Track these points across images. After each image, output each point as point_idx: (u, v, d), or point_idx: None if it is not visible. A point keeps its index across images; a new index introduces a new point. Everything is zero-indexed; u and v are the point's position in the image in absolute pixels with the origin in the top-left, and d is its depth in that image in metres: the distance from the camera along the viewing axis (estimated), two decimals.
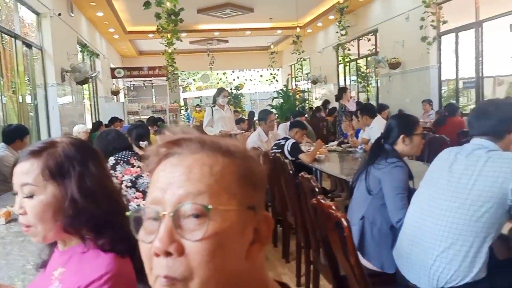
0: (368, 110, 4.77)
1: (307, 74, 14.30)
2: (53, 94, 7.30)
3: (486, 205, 1.56)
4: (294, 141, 4.23)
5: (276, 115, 7.10)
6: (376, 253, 2.11)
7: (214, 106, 6.04)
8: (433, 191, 1.73)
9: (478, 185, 1.59)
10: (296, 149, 4.16)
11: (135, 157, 2.81)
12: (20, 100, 6.59)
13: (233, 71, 18.38)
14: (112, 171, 2.70)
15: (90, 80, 8.63)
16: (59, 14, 7.66)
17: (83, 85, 9.05)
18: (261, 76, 16.88)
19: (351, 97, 7.77)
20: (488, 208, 1.56)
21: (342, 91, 7.28)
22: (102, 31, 11.84)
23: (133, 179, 2.69)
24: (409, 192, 2.04)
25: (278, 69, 16.62)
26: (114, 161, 2.75)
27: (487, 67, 7.80)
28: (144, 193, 2.69)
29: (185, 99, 22.13)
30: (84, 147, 1.08)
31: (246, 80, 18.06)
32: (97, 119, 10.39)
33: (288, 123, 5.63)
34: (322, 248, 2.11)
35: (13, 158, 4.00)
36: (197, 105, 15.38)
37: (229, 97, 11.95)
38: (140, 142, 3.85)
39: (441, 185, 1.70)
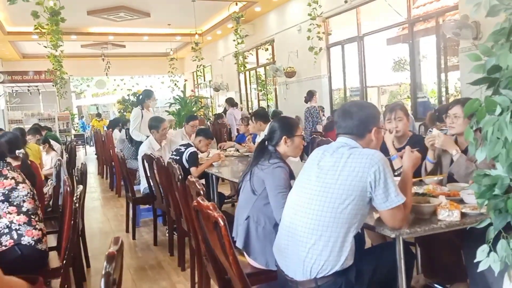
0: (261, 116, 4.89)
1: (209, 81, 14.34)
2: None
3: (349, 198, 1.68)
4: (193, 150, 4.14)
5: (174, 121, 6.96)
6: (261, 251, 2.14)
7: (142, 109, 5.61)
8: (304, 187, 1.81)
9: (341, 179, 1.70)
10: (192, 159, 4.07)
11: (8, 168, 2.51)
12: None
13: (132, 77, 17.66)
14: None
15: None
16: None
17: None
18: (162, 82, 16.47)
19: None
20: (351, 200, 1.68)
21: (311, 94, 7.56)
22: None
23: (6, 192, 2.39)
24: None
25: (180, 76, 16.39)
26: None
27: (371, 77, 8.60)
28: (18, 207, 2.41)
29: (79, 107, 20.68)
30: None
31: (146, 86, 17.47)
32: None
33: (183, 129, 5.53)
34: (207, 251, 2.08)
35: None
36: (98, 113, 14.46)
37: (126, 103, 11.49)
38: (17, 151, 3.46)
39: (310, 180, 1.79)
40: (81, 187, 2.33)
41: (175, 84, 12.41)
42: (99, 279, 3.54)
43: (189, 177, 2.43)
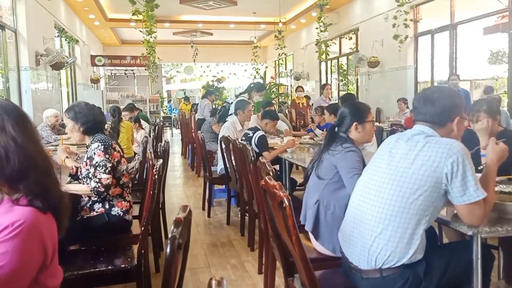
0: (333, 110, 4.82)
1: (290, 70, 14.36)
2: (27, 78, 7.16)
3: (421, 189, 1.60)
4: (262, 133, 4.22)
5: (253, 107, 7.11)
6: (329, 236, 2.14)
7: (249, 98, 5.59)
8: (374, 174, 1.77)
9: (414, 168, 1.63)
10: (262, 144, 4.12)
11: (114, 141, 2.75)
12: None
13: (217, 64, 18.31)
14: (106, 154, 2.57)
15: (66, 65, 8.48)
16: None
17: (60, 71, 8.91)
18: (245, 70, 16.85)
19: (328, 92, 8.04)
20: (423, 191, 1.60)
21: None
22: (83, 17, 11.65)
23: (115, 164, 2.61)
24: None
25: (262, 64, 16.63)
26: (104, 144, 2.61)
27: (463, 70, 7.97)
28: (117, 179, 2.60)
29: (168, 91, 21.96)
30: (5, 107, 1.09)
31: (230, 74, 18.02)
32: None
33: (259, 114, 5.63)
34: (272, 232, 2.14)
35: None
36: (185, 97, 15.27)
37: (211, 89, 11.96)
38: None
39: (381, 168, 1.74)
40: (160, 161, 2.50)
41: (257, 72, 12.61)
42: None
43: (260, 158, 2.50)
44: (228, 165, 4.36)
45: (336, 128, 2.38)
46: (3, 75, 6.88)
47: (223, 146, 4.40)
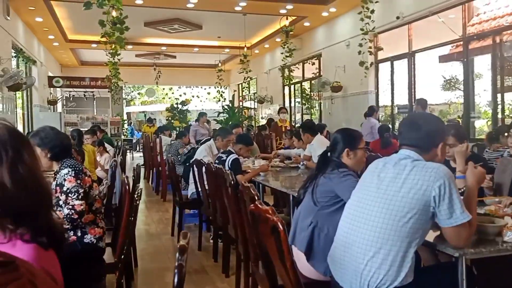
0: (309, 128, 4.90)
1: (254, 93, 14.53)
2: None
3: (411, 212, 1.64)
4: (235, 157, 4.20)
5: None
6: (322, 258, 2.12)
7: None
8: (363, 198, 1.80)
9: (403, 192, 1.67)
10: (236, 167, 4.10)
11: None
12: None
13: (179, 87, 18.22)
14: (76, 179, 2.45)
15: (24, 87, 8.13)
16: None
17: (16, 93, 8.52)
18: (208, 93, 16.86)
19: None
20: (413, 214, 1.64)
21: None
22: (41, 37, 11.29)
23: (87, 189, 2.49)
24: None
25: (226, 88, 16.73)
26: (74, 170, 2.48)
27: (420, 95, 8.39)
28: (90, 205, 2.49)
29: (128, 113, 21.52)
30: (18, 134, 1.03)
31: (193, 96, 17.96)
32: (30, 130, 9.78)
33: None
34: (260, 257, 2.10)
35: None
36: (149, 118, 15.03)
37: (174, 112, 11.86)
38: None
39: (370, 191, 1.77)
40: (140, 185, 2.42)
41: (221, 95, 12.67)
42: (146, 278, 3.64)
43: (242, 182, 2.47)
44: (200, 189, 4.28)
45: (329, 154, 2.39)
46: None
47: (196, 169, 4.34)
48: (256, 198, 2.17)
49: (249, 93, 13.47)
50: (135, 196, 2.18)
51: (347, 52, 9.14)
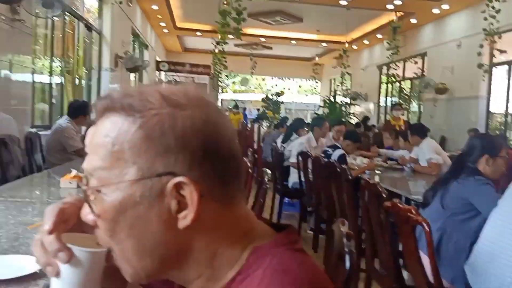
0: (419, 130, 4.73)
1: (347, 90, 14.27)
2: (106, 78, 7.57)
3: None
4: (342, 152, 4.20)
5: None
6: (449, 266, 2.08)
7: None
8: None
9: None
10: (342, 163, 4.10)
11: None
12: (76, 82, 6.86)
13: (272, 78, 18.50)
14: None
15: (140, 69, 8.89)
16: (120, 2, 7.95)
17: (131, 74, 9.34)
18: (300, 86, 16.91)
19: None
20: None
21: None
22: (154, 24, 12.19)
23: None
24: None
25: (317, 82, 16.63)
26: None
27: None
28: None
29: (221, 100, 22.40)
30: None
31: (284, 88, 18.15)
32: None
33: (329, 133, 5.61)
34: (384, 255, 2.12)
35: (74, 131, 4.20)
36: (235, 105, 15.43)
37: (268, 102, 11.97)
38: None
39: None
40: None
41: (315, 88, 12.63)
42: None
43: (366, 178, 2.49)
44: (304, 180, 4.37)
45: (464, 158, 2.31)
46: (87, 74, 7.30)
47: (301, 160, 4.43)
48: (384, 196, 2.19)
49: (342, 88, 13.22)
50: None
51: (458, 52, 8.57)
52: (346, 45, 10.48)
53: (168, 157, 0.52)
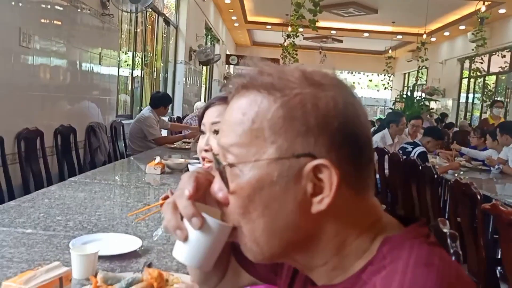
0: (510, 129, 4.34)
1: (422, 85, 13.53)
2: (181, 70, 7.86)
3: None
4: (422, 149, 3.98)
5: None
6: None
7: None
8: None
9: None
10: (422, 161, 3.89)
11: None
12: (154, 74, 7.19)
13: (341, 72, 18.07)
14: None
15: (212, 62, 9.11)
16: None
17: (203, 67, 9.61)
18: (370, 80, 16.34)
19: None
20: None
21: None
22: (225, 18, 12.42)
23: None
24: None
25: (390, 76, 15.96)
26: None
27: None
28: None
29: None
30: None
31: (353, 82, 17.65)
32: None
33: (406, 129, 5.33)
34: (475, 261, 1.97)
35: (155, 121, 4.41)
36: None
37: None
38: None
39: None
40: None
41: (388, 83, 12.12)
42: None
43: (457, 178, 2.33)
44: (379, 176, 4.21)
45: None
46: (163, 67, 7.63)
47: (376, 157, 4.27)
48: (479, 197, 2.03)
49: (417, 83, 12.55)
50: None
51: None
52: (424, 36, 9.89)
53: (308, 138, 0.51)
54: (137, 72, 6.37)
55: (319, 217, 0.52)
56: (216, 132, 1.12)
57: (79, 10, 3.90)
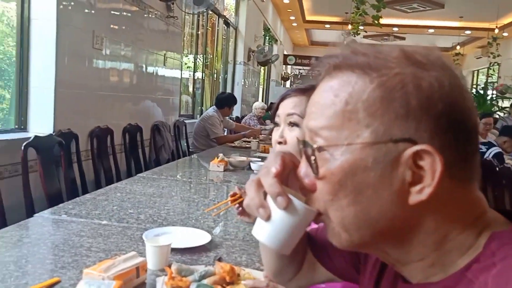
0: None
1: (493, 83, 12.62)
2: (240, 71, 7.95)
3: None
4: (498, 150, 3.70)
5: None
6: None
7: None
8: None
9: None
10: (500, 162, 3.61)
11: None
12: (214, 75, 7.33)
13: None
14: None
15: (270, 62, 9.14)
16: None
17: (261, 67, 9.67)
18: None
19: None
20: None
21: None
22: (283, 18, 12.42)
23: None
24: None
25: None
26: None
27: None
28: None
29: None
30: None
31: None
32: (265, 101, 11.03)
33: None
34: None
35: (218, 120, 4.49)
36: None
37: None
38: None
39: None
40: None
41: None
42: None
43: None
44: None
45: None
46: (223, 68, 7.77)
47: None
48: None
49: (487, 80, 11.72)
50: None
51: None
52: (496, 31, 9.22)
53: (408, 121, 0.46)
54: (198, 74, 6.53)
55: (417, 208, 0.48)
56: (291, 124, 1.09)
57: (145, 14, 4.07)
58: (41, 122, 2.89)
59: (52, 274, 1.03)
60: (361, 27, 11.69)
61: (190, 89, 6.30)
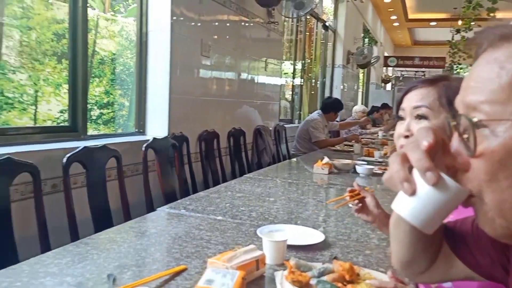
0: None
1: None
2: (339, 74, 7.81)
3: None
4: None
5: None
6: None
7: None
8: None
9: None
10: None
11: None
12: (312, 80, 7.31)
13: None
14: None
15: (370, 65, 8.84)
16: None
17: (360, 70, 9.38)
18: None
19: None
20: None
21: None
22: (384, 18, 11.93)
23: None
24: None
25: None
26: None
27: None
28: None
29: None
30: None
31: None
32: (365, 105, 10.66)
33: None
34: None
35: (321, 124, 4.47)
36: None
37: None
38: None
39: None
40: None
41: None
42: None
43: None
44: None
45: None
46: (321, 72, 7.72)
47: None
48: None
49: None
50: None
51: None
52: None
53: None
54: (297, 81, 6.57)
55: None
56: (419, 116, 1.03)
57: (248, 22, 4.21)
58: (158, 126, 3.15)
59: (179, 262, 1.10)
60: (473, 23, 10.76)
61: (287, 94, 6.36)
